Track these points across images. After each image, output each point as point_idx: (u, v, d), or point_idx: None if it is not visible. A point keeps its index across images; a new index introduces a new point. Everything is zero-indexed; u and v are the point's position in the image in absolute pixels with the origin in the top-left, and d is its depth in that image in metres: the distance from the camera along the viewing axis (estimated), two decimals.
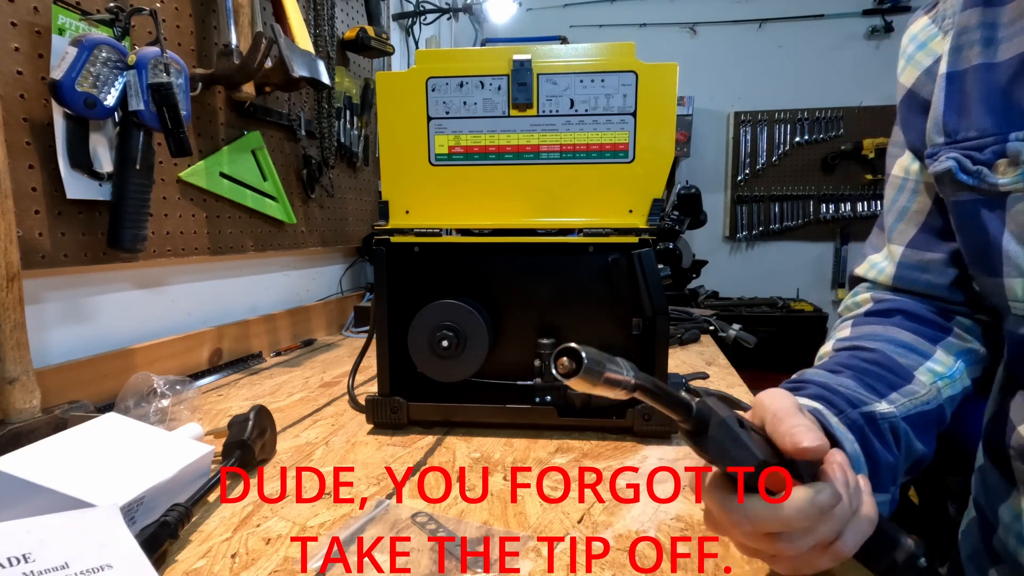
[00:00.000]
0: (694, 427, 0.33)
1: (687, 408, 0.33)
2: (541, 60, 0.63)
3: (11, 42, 0.66)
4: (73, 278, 0.78)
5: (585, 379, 0.29)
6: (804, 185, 2.79)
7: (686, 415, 0.33)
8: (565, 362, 0.29)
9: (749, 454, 0.32)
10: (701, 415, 0.33)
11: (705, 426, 0.33)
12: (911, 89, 0.51)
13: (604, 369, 0.29)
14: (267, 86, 1.03)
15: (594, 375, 0.29)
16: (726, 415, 0.33)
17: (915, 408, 0.46)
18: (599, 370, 0.29)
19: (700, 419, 0.33)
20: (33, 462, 0.43)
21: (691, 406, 0.33)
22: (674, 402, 0.32)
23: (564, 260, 0.65)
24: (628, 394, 0.31)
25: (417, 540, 0.43)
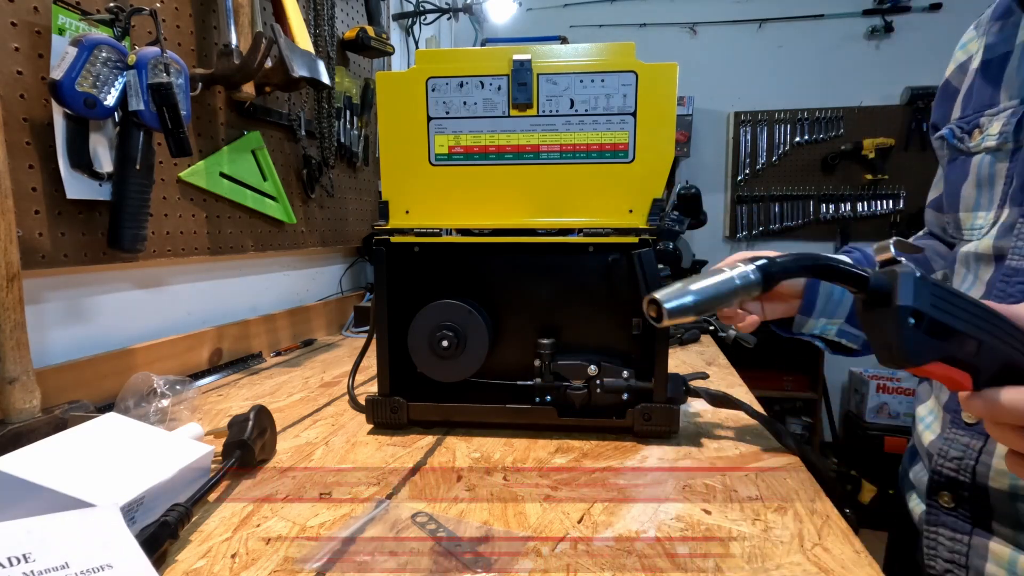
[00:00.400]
0: (871, 299, 0.30)
1: (863, 281, 0.29)
2: (541, 60, 0.63)
3: (11, 42, 0.66)
4: (73, 278, 0.78)
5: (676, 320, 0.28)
6: (804, 185, 2.78)
7: (860, 289, 0.29)
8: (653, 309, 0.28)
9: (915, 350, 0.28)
10: (880, 287, 0.29)
11: (884, 299, 0.29)
12: (947, 79, 0.64)
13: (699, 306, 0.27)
14: (267, 86, 1.03)
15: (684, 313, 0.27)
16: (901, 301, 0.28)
17: None
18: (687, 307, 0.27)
19: (878, 292, 0.29)
20: (33, 462, 0.43)
21: (867, 279, 0.29)
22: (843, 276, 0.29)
23: (564, 260, 0.65)
24: (764, 292, 0.29)
25: (417, 540, 0.43)
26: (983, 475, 0.49)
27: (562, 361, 0.65)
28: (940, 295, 0.29)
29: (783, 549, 0.42)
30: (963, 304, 0.30)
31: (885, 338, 0.29)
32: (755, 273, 0.28)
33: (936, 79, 0.67)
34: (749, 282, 0.28)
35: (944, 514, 0.53)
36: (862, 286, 0.30)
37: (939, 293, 0.29)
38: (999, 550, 0.48)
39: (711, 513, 0.47)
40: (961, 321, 0.29)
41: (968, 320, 0.30)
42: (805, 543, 0.42)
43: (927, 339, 0.29)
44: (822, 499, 0.49)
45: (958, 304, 0.30)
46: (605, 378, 0.64)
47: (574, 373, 0.64)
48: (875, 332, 0.30)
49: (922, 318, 0.28)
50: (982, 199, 0.54)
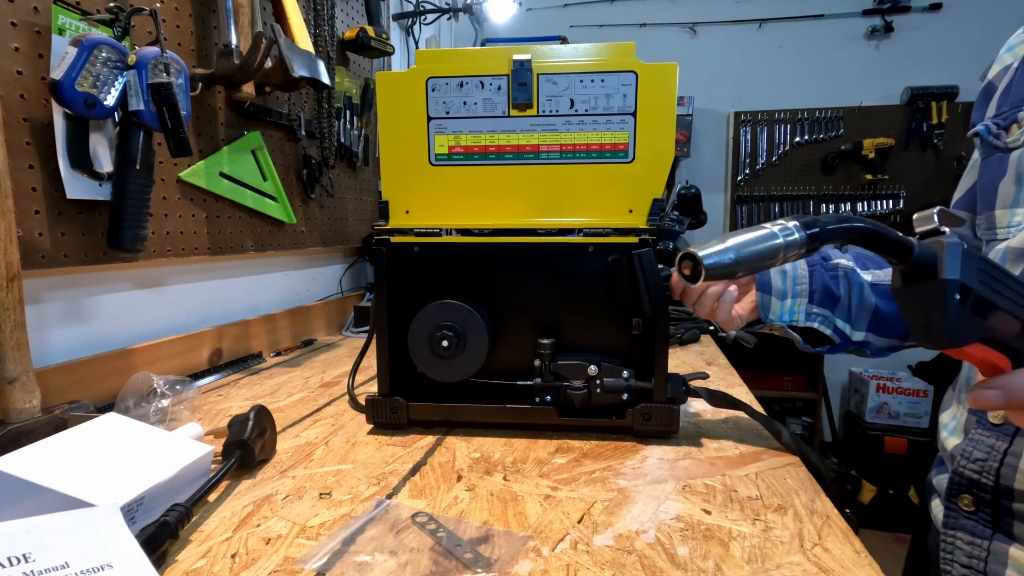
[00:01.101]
0: (913, 271, 0.28)
1: (907, 250, 0.27)
2: (541, 60, 0.63)
3: (11, 42, 0.66)
4: (73, 278, 0.78)
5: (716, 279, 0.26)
6: (804, 185, 2.78)
7: (903, 259, 0.27)
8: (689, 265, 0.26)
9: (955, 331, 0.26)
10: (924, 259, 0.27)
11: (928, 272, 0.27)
12: (990, 80, 0.62)
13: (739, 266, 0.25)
14: (267, 86, 1.03)
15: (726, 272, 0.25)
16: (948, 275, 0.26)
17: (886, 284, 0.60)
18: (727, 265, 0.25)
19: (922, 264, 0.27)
20: (33, 462, 0.43)
21: (911, 248, 0.27)
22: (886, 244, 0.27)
23: (564, 260, 0.65)
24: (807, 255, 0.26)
25: (417, 540, 0.43)
26: (1008, 477, 0.48)
27: (562, 361, 0.65)
28: (988, 270, 0.27)
29: (783, 549, 0.42)
30: (1010, 282, 0.28)
31: (925, 314, 0.27)
32: (799, 231, 0.26)
33: (936, 79, 0.68)
34: (792, 240, 0.26)
35: (964, 518, 0.52)
36: (905, 256, 0.27)
37: (987, 268, 0.27)
38: (1020, 556, 0.47)
39: (711, 513, 0.47)
40: (1007, 300, 0.27)
41: (1014, 299, 0.28)
42: (805, 543, 0.42)
43: (971, 317, 0.27)
44: (822, 499, 0.49)
45: (1005, 282, 0.28)
46: (605, 378, 0.64)
47: (574, 373, 0.64)
48: (914, 308, 0.28)
49: (968, 294, 0.26)
50: (1021, 195, 0.53)
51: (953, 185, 0.66)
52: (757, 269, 0.26)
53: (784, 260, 0.27)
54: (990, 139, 0.56)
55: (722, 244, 0.26)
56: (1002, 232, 0.55)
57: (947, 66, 2.59)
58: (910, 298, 0.28)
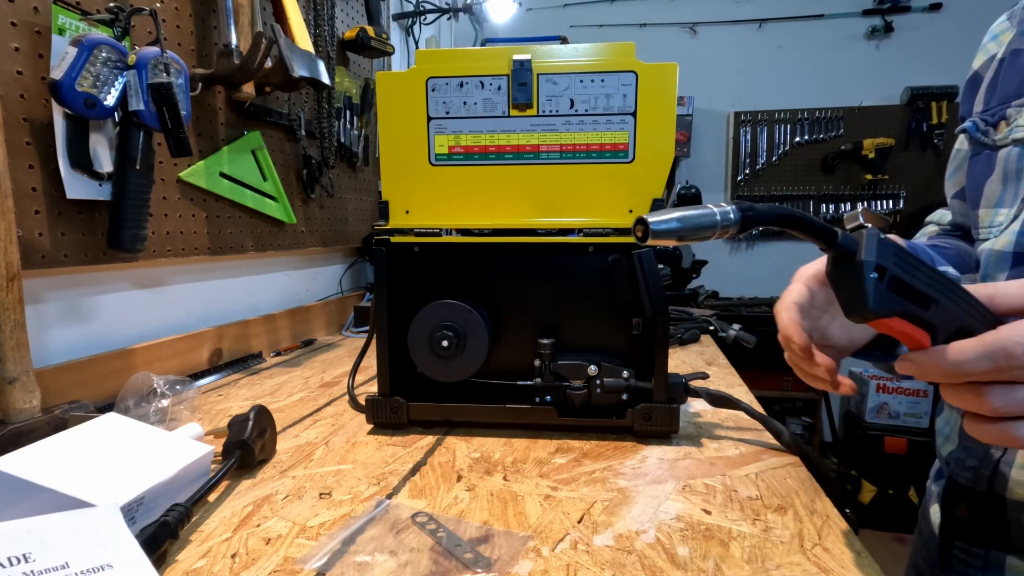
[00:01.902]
0: (837, 255, 0.32)
1: (831, 236, 0.32)
2: (541, 60, 0.63)
3: (11, 42, 0.66)
4: (73, 278, 0.78)
5: (659, 240, 0.30)
6: (804, 185, 2.79)
7: (828, 244, 0.32)
8: (640, 228, 0.30)
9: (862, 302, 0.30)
10: (846, 245, 0.32)
11: (850, 256, 0.32)
12: (976, 71, 0.60)
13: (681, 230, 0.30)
14: (267, 86, 1.03)
15: (668, 237, 0.30)
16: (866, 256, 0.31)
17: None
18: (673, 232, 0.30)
19: (844, 249, 0.32)
20: (33, 462, 0.43)
21: (835, 234, 0.32)
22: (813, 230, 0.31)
23: (564, 260, 0.65)
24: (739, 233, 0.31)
25: (417, 540, 0.43)
26: (1000, 486, 0.47)
27: (562, 361, 0.65)
28: (901, 255, 0.32)
29: (783, 549, 0.42)
30: (923, 267, 0.33)
31: (851, 291, 0.31)
32: (735, 212, 0.31)
33: (936, 79, 0.67)
34: (728, 220, 0.31)
35: (960, 526, 0.51)
36: (830, 241, 0.32)
37: (900, 254, 0.32)
38: (1017, 565, 0.47)
39: (711, 513, 0.47)
40: (920, 281, 0.32)
41: (927, 282, 0.32)
42: (805, 543, 0.42)
43: (888, 293, 0.31)
44: (822, 499, 0.49)
45: (918, 266, 0.32)
46: (605, 378, 0.64)
47: (574, 373, 0.64)
48: (842, 287, 0.32)
49: (884, 273, 0.31)
50: (1006, 195, 0.52)
51: None
52: (694, 237, 0.31)
53: (720, 234, 0.31)
54: (978, 136, 0.55)
55: (669, 215, 0.31)
56: (984, 232, 0.54)
57: (947, 66, 2.59)
58: (838, 279, 0.33)
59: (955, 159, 0.65)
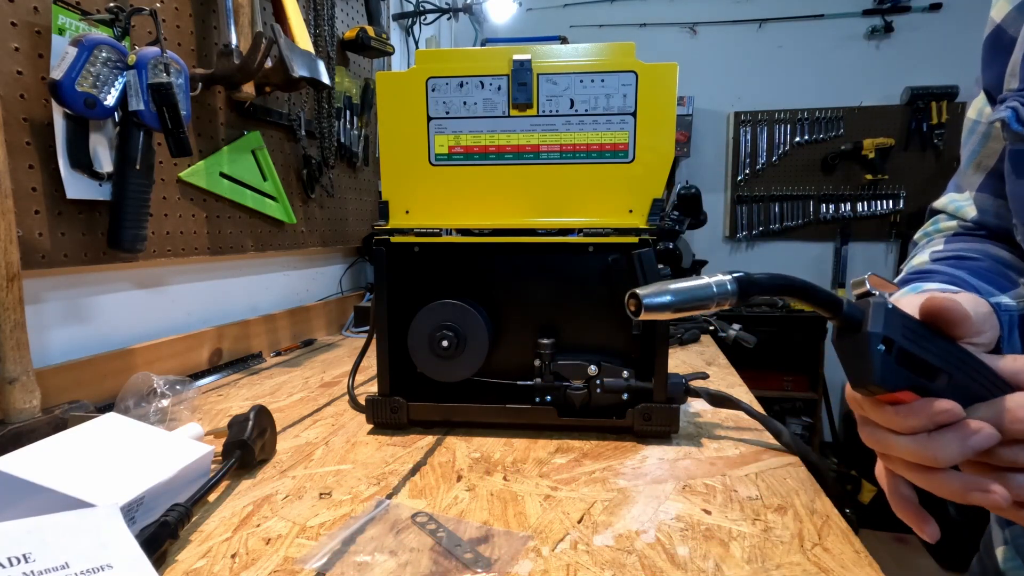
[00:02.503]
0: (844, 325, 0.31)
1: (836, 306, 0.31)
2: (541, 60, 0.63)
3: (11, 42, 0.66)
4: (73, 278, 0.78)
5: (653, 315, 0.29)
6: (804, 185, 2.79)
7: (833, 314, 0.31)
8: (632, 303, 0.30)
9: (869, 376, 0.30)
10: (852, 315, 0.31)
11: (856, 326, 0.31)
12: (999, 24, 0.47)
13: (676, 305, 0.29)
14: (267, 86, 1.03)
15: (661, 309, 0.29)
16: (871, 328, 0.30)
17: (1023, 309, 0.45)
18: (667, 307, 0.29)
19: (850, 319, 0.31)
20: (33, 462, 0.43)
21: (840, 304, 0.31)
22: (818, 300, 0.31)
23: (564, 260, 0.65)
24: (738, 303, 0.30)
25: (417, 540, 0.43)
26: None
27: (562, 361, 0.65)
28: (910, 327, 0.31)
29: (783, 549, 0.42)
30: (933, 339, 0.32)
31: (858, 363, 0.30)
32: (732, 284, 0.30)
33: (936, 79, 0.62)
34: (725, 291, 0.30)
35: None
36: (836, 311, 0.31)
37: (910, 325, 0.31)
38: None
39: (711, 513, 0.47)
40: (931, 354, 0.31)
41: (938, 354, 0.31)
42: (805, 543, 0.42)
43: (896, 367, 0.30)
44: (822, 499, 0.49)
45: (928, 337, 0.31)
46: (605, 378, 0.64)
47: (574, 373, 0.64)
48: (848, 357, 0.31)
49: (892, 345, 0.30)
50: None
51: None
52: (690, 310, 0.30)
53: (718, 306, 0.30)
54: (1020, 130, 0.41)
55: (663, 289, 0.30)
56: None
57: (947, 66, 2.59)
58: (845, 349, 0.32)
59: (973, 135, 0.52)
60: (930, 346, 0.31)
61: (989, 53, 0.48)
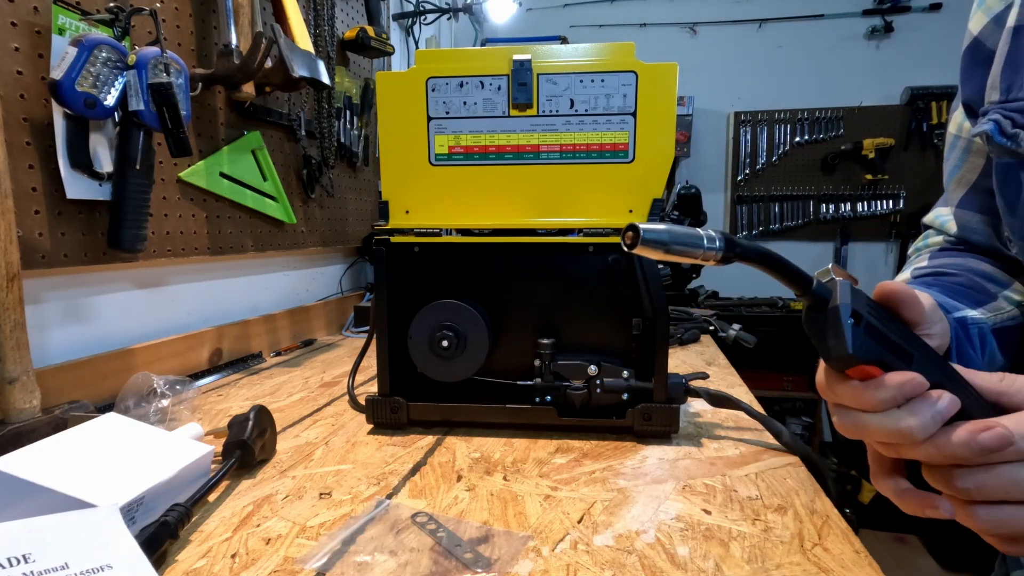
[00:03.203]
0: (812, 302, 0.32)
1: (806, 282, 0.32)
2: (541, 60, 0.63)
3: (11, 42, 0.66)
4: (73, 278, 0.78)
5: (646, 250, 0.30)
6: (804, 185, 2.79)
7: (803, 290, 0.32)
8: (630, 234, 0.30)
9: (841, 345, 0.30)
10: (821, 292, 0.32)
11: (824, 303, 0.32)
12: (977, 37, 0.47)
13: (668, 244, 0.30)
14: (267, 86, 1.03)
15: (654, 248, 0.30)
16: (840, 301, 0.31)
17: (1001, 322, 0.47)
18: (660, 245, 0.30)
19: (819, 296, 0.32)
20: (33, 462, 0.43)
21: (810, 280, 0.32)
22: (789, 274, 0.32)
23: (564, 260, 0.65)
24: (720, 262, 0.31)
25: (417, 540, 0.43)
26: None
27: (562, 361, 0.65)
28: (873, 307, 0.32)
29: (783, 549, 0.42)
30: (897, 323, 0.33)
31: (828, 335, 0.31)
32: (720, 240, 0.31)
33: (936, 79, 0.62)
34: (713, 245, 0.31)
35: None
36: (805, 287, 0.32)
37: (872, 305, 0.32)
38: None
39: (711, 513, 0.47)
40: (894, 334, 0.32)
41: (900, 336, 0.32)
42: (805, 543, 0.42)
43: (865, 339, 0.31)
44: (822, 499, 0.49)
45: (890, 319, 0.33)
46: (605, 378, 0.64)
47: (574, 373, 0.64)
48: (820, 332, 0.32)
49: (860, 319, 0.31)
50: None
51: None
52: (679, 253, 0.31)
53: (704, 258, 0.31)
54: (1004, 142, 0.41)
55: (660, 227, 0.31)
56: None
57: (947, 66, 2.59)
58: (815, 325, 0.33)
59: (954, 150, 0.53)
60: (892, 327, 0.32)
61: (968, 66, 0.48)
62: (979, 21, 0.47)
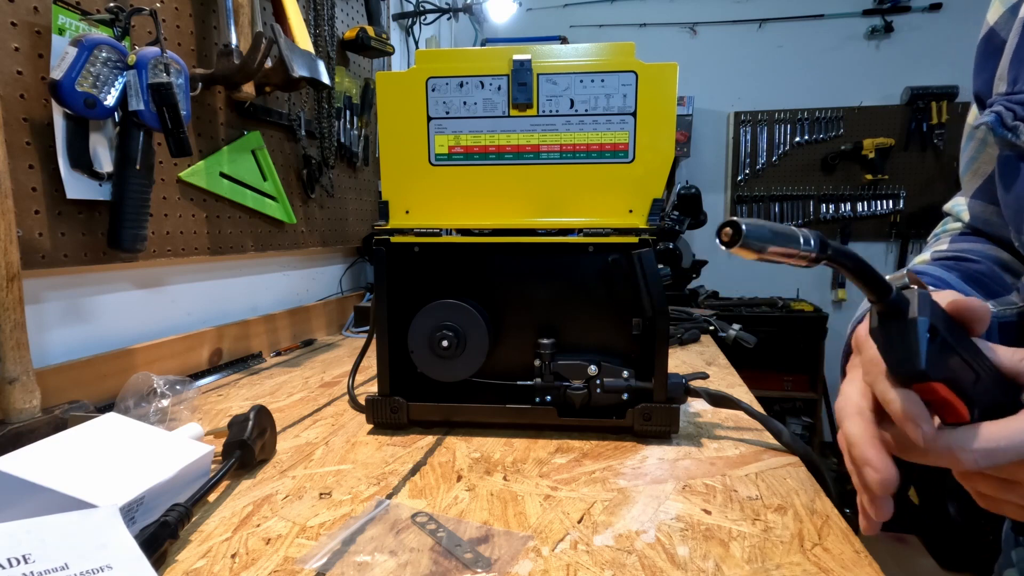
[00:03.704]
0: (887, 310, 0.31)
1: (885, 290, 0.30)
2: (541, 60, 0.63)
3: (11, 42, 0.66)
4: (73, 278, 0.78)
5: (745, 250, 0.28)
6: (804, 185, 2.79)
7: (880, 297, 0.31)
8: (728, 231, 0.29)
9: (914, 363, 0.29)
10: (899, 301, 0.30)
11: (901, 313, 0.30)
12: (992, 27, 0.46)
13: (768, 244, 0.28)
14: (267, 86, 1.03)
15: (754, 248, 0.28)
16: (919, 314, 0.29)
17: (1005, 316, 0.47)
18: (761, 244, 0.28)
19: (896, 305, 0.31)
20: (33, 462, 0.43)
21: (890, 288, 0.31)
22: (870, 279, 0.30)
23: (564, 260, 0.65)
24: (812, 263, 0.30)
25: (417, 540, 0.43)
26: None
27: (562, 361, 0.65)
28: (949, 321, 0.31)
29: (783, 549, 0.42)
30: (967, 338, 0.32)
31: (902, 349, 0.30)
32: (815, 239, 0.30)
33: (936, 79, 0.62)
34: (809, 246, 0.30)
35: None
36: (883, 294, 0.31)
37: (948, 320, 0.31)
38: None
39: (711, 513, 0.47)
40: (966, 352, 0.31)
41: (971, 354, 0.31)
42: (805, 543, 0.42)
43: (938, 355, 0.30)
44: (822, 499, 0.49)
45: (963, 336, 0.31)
46: (605, 378, 0.64)
47: (574, 373, 0.64)
48: (891, 344, 0.31)
49: (936, 334, 0.30)
50: None
51: (953, 186, 0.60)
52: (778, 253, 0.29)
53: (798, 259, 0.29)
54: (1004, 134, 0.41)
55: (761, 223, 0.29)
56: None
57: (947, 66, 2.59)
58: (886, 335, 0.31)
59: (971, 141, 0.52)
60: (965, 343, 0.31)
61: (981, 56, 0.47)
62: (996, 11, 0.46)
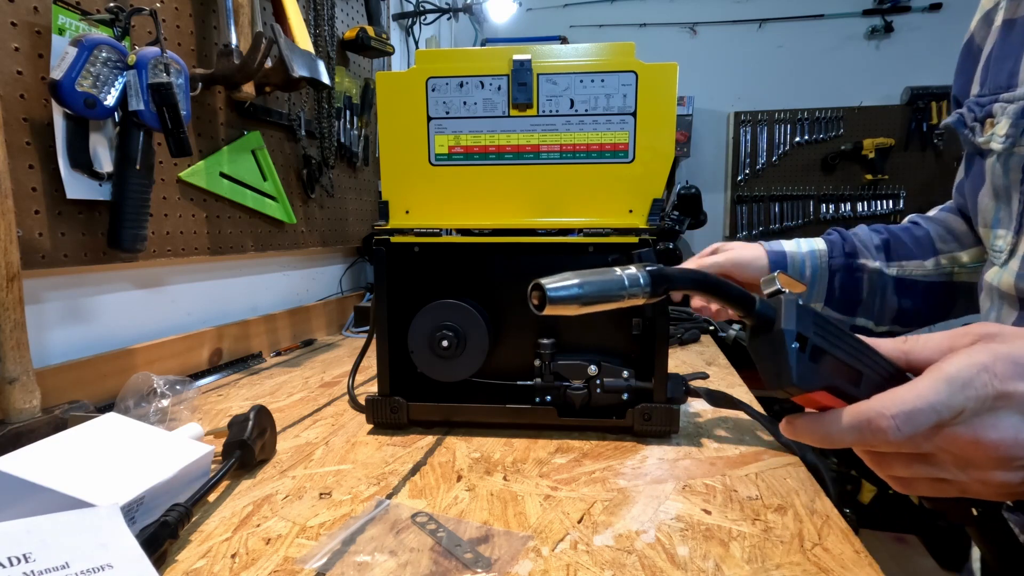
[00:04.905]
0: (757, 323, 0.30)
1: (748, 303, 0.29)
2: (541, 60, 0.63)
3: (11, 42, 0.66)
4: (73, 278, 0.78)
5: (558, 309, 0.27)
6: (804, 185, 2.79)
7: (746, 312, 0.30)
8: (536, 295, 0.27)
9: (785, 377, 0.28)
10: (765, 312, 0.29)
11: (769, 324, 0.29)
12: (971, 35, 0.49)
13: (583, 299, 0.26)
14: (267, 86, 1.03)
15: (567, 302, 0.27)
16: (785, 325, 0.28)
17: (913, 277, 0.54)
18: (571, 297, 0.26)
19: (763, 317, 0.30)
20: (33, 462, 0.43)
21: (752, 301, 0.30)
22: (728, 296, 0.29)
23: (564, 260, 0.65)
24: (652, 297, 0.28)
25: (417, 540, 0.43)
26: None
27: (562, 361, 0.65)
28: (821, 324, 0.30)
29: (783, 549, 0.42)
30: (843, 335, 0.31)
31: (773, 363, 0.29)
32: (644, 277, 0.28)
33: (936, 79, 0.65)
34: (637, 286, 0.28)
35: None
36: (748, 308, 0.30)
37: (820, 322, 0.30)
38: None
39: (711, 513, 0.47)
40: (842, 351, 0.30)
41: (848, 351, 0.30)
42: (805, 543, 0.42)
43: (811, 365, 0.29)
44: (822, 499, 0.49)
45: (838, 335, 0.31)
46: (605, 378, 0.64)
47: (574, 373, 0.64)
48: (762, 358, 0.30)
49: (805, 343, 0.29)
50: (1001, 214, 0.42)
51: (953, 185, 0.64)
52: (599, 303, 0.28)
53: (630, 299, 0.28)
54: (964, 132, 0.44)
55: (570, 280, 0.27)
56: (992, 255, 0.45)
57: (947, 66, 2.57)
58: (758, 349, 0.30)
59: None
60: (840, 343, 0.30)
61: (961, 61, 0.51)
62: (976, 20, 0.49)
